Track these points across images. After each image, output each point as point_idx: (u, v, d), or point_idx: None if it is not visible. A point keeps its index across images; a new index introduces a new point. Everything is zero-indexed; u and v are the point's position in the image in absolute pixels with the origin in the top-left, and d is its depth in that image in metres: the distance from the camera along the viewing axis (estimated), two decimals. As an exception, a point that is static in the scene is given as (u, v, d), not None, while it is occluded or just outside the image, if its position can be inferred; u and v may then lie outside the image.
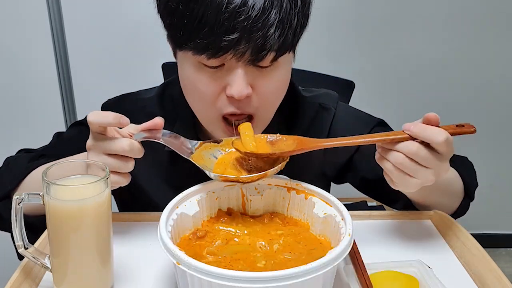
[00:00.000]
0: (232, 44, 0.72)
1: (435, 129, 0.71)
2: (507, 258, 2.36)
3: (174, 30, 0.77)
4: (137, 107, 0.95)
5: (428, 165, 0.72)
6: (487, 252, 0.79)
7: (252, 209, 0.80)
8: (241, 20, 0.71)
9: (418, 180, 0.73)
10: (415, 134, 0.72)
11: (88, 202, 0.65)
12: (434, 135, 0.71)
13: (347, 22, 1.97)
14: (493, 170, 2.17)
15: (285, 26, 0.74)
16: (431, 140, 0.70)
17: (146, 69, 1.73)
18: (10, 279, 0.72)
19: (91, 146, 0.75)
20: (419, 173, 0.72)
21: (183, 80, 0.83)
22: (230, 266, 0.66)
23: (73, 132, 0.98)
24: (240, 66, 0.76)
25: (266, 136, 0.79)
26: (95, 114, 0.73)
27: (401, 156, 0.72)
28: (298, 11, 0.76)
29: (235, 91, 0.76)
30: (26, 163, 0.90)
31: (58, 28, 1.75)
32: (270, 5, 0.72)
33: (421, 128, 0.71)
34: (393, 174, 0.74)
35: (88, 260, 0.68)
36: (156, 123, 0.77)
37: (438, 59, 2.05)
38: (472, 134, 0.76)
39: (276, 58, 0.77)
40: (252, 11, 0.71)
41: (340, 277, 0.74)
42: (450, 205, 0.94)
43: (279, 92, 0.84)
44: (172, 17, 0.76)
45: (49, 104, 1.87)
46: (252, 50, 0.73)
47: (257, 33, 0.72)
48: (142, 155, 0.75)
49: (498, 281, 0.73)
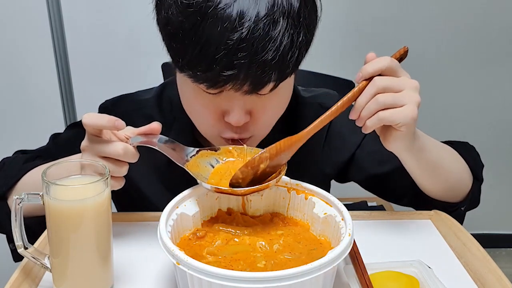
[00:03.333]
0: (230, 79, 0.70)
1: (375, 60, 0.74)
2: (507, 258, 2.36)
3: (173, 53, 0.75)
4: (135, 109, 0.95)
5: (400, 87, 0.73)
6: (487, 252, 0.79)
7: (252, 209, 0.80)
8: (240, 57, 0.68)
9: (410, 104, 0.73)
10: (365, 75, 0.74)
11: (88, 202, 0.65)
12: (379, 64, 0.73)
13: (347, 22, 1.97)
14: (493, 170, 2.16)
15: (285, 59, 0.71)
16: (380, 68, 0.73)
17: (146, 69, 1.74)
18: (10, 279, 0.72)
19: (86, 147, 0.74)
20: (402, 96, 0.73)
21: (182, 97, 0.82)
22: (230, 266, 0.66)
23: (70, 134, 0.98)
24: (239, 95, 0.74)
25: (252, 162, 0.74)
26: (90, 116, 0.72)
27: (378, 98, 0.72)
28: (301, 42, 0.73)
29: (233, 119, 0.76)
30: (21, 164, 0.89)
31: (58, 28, 1.75)
32: (270, 41, 0.69)
33: (366, 67, 0.74)
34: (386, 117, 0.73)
35: (88, 260, 0.68)
36: (153, 128, 0.75)
37: (438, 59, 2.05)
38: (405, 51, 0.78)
39: (275, 87, 0.75)
40: (251, 48, 0.68)
41: (340, 277, 0.74)
42: (457, 186, 0.91)
43: (279, 114, 0.83)
44: (170, 41, 0.74)
45: (49, 104, 1.87)
46: (251, 83, 0.72)
47: (256, 69, 0.70)
48: (137, 159, 0.74)
49: (498, 281, 0.73)
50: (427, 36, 2.01)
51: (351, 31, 1.99)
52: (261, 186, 0.73)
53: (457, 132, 1.99)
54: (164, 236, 0.64)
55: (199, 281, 0.59)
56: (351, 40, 2.00)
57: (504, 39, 2.05)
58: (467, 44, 2.04)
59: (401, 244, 0.85)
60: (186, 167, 0.75)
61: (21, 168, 0.88)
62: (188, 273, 0.59)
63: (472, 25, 2.01)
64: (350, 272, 0.74)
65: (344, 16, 1.96)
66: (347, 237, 0.64)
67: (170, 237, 0.66)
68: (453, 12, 1.99)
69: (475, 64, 2.08)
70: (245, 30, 0.67)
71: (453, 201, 0.92)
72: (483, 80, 2.10)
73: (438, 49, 2.05)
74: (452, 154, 0.91)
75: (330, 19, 2.03)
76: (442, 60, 2.06)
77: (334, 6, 1.91)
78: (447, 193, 0.91)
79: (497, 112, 2.16)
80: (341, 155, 0.99)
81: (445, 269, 0.77)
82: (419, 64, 2.05)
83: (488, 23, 2.01)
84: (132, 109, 0.94)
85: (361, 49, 2.01)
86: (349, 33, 1.99)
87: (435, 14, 1.99)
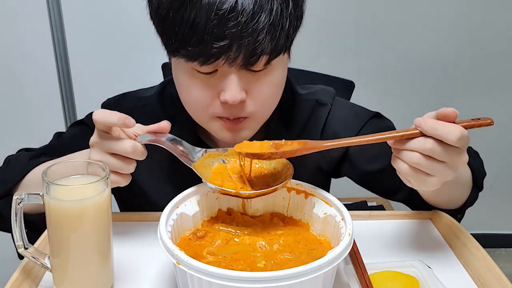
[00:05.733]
0: (223, 50, 0.72)
1: (447, 125, 0.67)
2: (507, 258, 2.36)
3: (166, 37, 0.77)
4: (137, 106, 0.95)
5: (445, 160, 0.67)
6: (487, 252, 0.79)
7: (252, 209, 0.80)
8: (231, 26, 0.70)
9: (436, 178, 0.69)
10: (426, 132, 0.67)
11: (88, 202, 0.65)
12: (447, 133, 0.66)
13: (347, 22, 1.97)
14: (493, 170, 2.16)
15: (277, 29, 0.73)
16: (445, 138, 0.66)
17: (146, 69, 1.73)
18: (10, 279, 0.72)
19: (95, 143, 0.74)
20: (437, 170, 0.68)
21: (178, 85, 0.83)
22: (230, 266, 0.66)
23: (73, 132, 0.98)
24: (233, 71, 0.75)
25: (269, 143, 0.76)
26: (101, 113, 0.72)
27: (416, 155, 0.68)
28: (290, 13, 0.75)
29: (229, 96, 0.76)
30: (27, 161, 0.90)
31: (58, 28, 1.75)
32: (259, 9, 0.71)
33: (432, 126, 0.67)
34: (409, 175, 0.70)
35: (88, 260, 0.68)
36: (162, 127, 0.76)
37: (438, 59, 2.05)
38: (489, 125, 0.71)
39: (269, 61, 0.76)
40: (241, 17, 0.70)
41: (340, 277, 0.74)
42: (460, 197, 0.90)
43: (274, 95, 0.83)
44: (163, 24, 0.76)
45: (49, 104, 1.87)
46: (244, 55, 0.73)
47: (248, 39, 0.71)
48: (145, 157, 0.75)
49: (498, 281, 0.73)
50: (427, 36, 2.01)
51: (351, 31, 1.98)
52: (267, 190, 0.73)
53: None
54: (164, 236, 0.64)
55: (199, 281, 0.59)
56: (351, 40, 2.00)
57: (504, 39, 2.05)
58: (467, 44, 2.04)
59: (401, 244, 0.85)
60: (193, 167, 0.75)
61: (26, 165, 0.88)
62: (188, 273, 0.59)
63: (472, 26, 2.01)
64: (350, 272, 0.74)
65: (344, 16, 1.96)
66: (347, 237, 0.64)
67: (170, 237, 0.66)
68: (453, 12, 1.99)
69: (475, 64, 2.08)
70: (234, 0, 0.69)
71: (450, 208, 0.92)
72: (483, 79, 2.10)
73: (438, 49, 2.05)
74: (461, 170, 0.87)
75: (330, 19, 2.03)
76: (442, 60, 2.06)
77: (334, 6, 1.91)
78: (448, 204, 0.91)
79: (497, 112, 2.16)
80: (335, 151, 0.99)
81: (445, 269, 0.78)
82: (419, 65, 2.05)
83: (488, 24, 2.01)
84: (135, 106, 0.94)
85: (361, 49, 2.02)
86: (349, 33, 1.99)
87: (435, 15, 1.99)
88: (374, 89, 2.03)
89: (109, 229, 0.70)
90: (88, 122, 0.96)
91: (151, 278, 0.75)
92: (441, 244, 0.86)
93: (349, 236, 0.65)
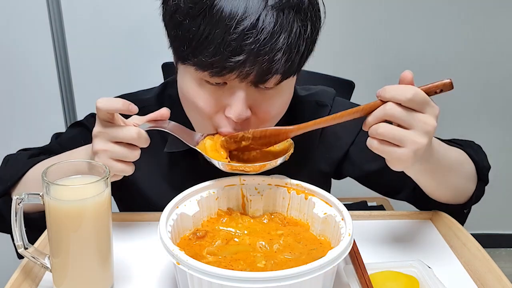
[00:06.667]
0: (237, 65, 0.71)
1: (401, 87, 0.68)
2: (507, 258, 2.36)
3: (178, 43, 0.76)
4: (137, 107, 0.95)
5: (409, 125, 0.67)
6: (487, 252, 0.79)
7: (252, 209, 0.80)
8: (249, 43, 0.69)
9: (406, 149, 0.68)
10: (384, 97, 0.68)
11: (88, 202, 0.65)
12: (401, 93, 0.67)
13: (347, 22, 1.97)
14: (493, 170, 2.16)
15: (293, 51, 0.72)
16: (398, 99, 0.67)
17: (146, 69, 1.74)
18: (10, 279, 0.72)
19: (98, 133, 0.73)
20: (404, 139, 0.67)
21: (182, 91, 0.82)
22: (230, 266, 0.66)
23: (72, 133, 0.98)
24: (243, 87, 0.75)
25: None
26: (104, 101, 0.71)
27: (380, 125, 0.69)
28: (307, 37, 0.74)
29: (234, 113, 0.76)
30: (25, 160, 0.89)
31: (58, 28, 1.75)
32: (279, 29, 0.70)
33: (387, 89, 0.68)
34: (380, 150, 0.70)
35: (88, 260, 0.68)
36: (163, 114, 0.76)
37: (438, 58, 2.05)
38: (450, 90, 0.71)
39: (280, 81, 0.75)
40: (261, 35, 0.69)
41: (340, 277, 0.74)
42: (465, 191, 0.90)
43: (279, 113, 0.83)
44: (177, 29, 0.75)
45: (49, 104, 1.87)
46: (257, 72, 0.72)
47: (264, 57, 0.70)
48: (148, 144, 0.74)
49: (498, 281, 0.73)
50: (427, 36, 2.01)
51: (351, 31, 1.99)
52: (271, 162, 0.75)
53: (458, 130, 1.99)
54: (164, 236, 0.64)
55: (199, 281, 0.59)
56: (351, 40, 2.00)
57: (504, 41, 2.05)
58: (468, 45, 2.04)
59: (401, 244, 0.85)
60: (198, 148, 0.77)
61: (25, 164, 0.88)
62: (188, 273, 0.59)
63: (472, 26, 2.01)
64: (350, 272, 0.74)
65: (344, 16, 1.96)
66: (347, 237, 0.64)
67: (170, 237, 0.66)
68: (454, 12, 1.99)
69: (475, 65, 2.08)
70: (256, 16, 0.69)
71: (456, 203, 0.91)
72: (483, 79, 2.10)
73: (438, 50, 2.04)
74: (462, 161, 0.88)
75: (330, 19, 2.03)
76: (442, 60, 2.06)
77: (334, 6, 1.91)
78: (454, 198, 0.90)
79: (498, 112, 2.16)
80: (335, 152, 0.99)
81: (445, 269, 0.78)
82: (419, 65, 2.05)
83: (488, 24, 2.01)
84: None
85: (361, 50, 2.02)
86: (349, 33, 1.99)
87: (436, 15, 1.99)
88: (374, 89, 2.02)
89: (109, 229, 0.70)
90: (86, 123, 0.96)
91: (151, 278, 0.75)
92: (441, 244, 0.86)
93: (349, 236, 0.65)
